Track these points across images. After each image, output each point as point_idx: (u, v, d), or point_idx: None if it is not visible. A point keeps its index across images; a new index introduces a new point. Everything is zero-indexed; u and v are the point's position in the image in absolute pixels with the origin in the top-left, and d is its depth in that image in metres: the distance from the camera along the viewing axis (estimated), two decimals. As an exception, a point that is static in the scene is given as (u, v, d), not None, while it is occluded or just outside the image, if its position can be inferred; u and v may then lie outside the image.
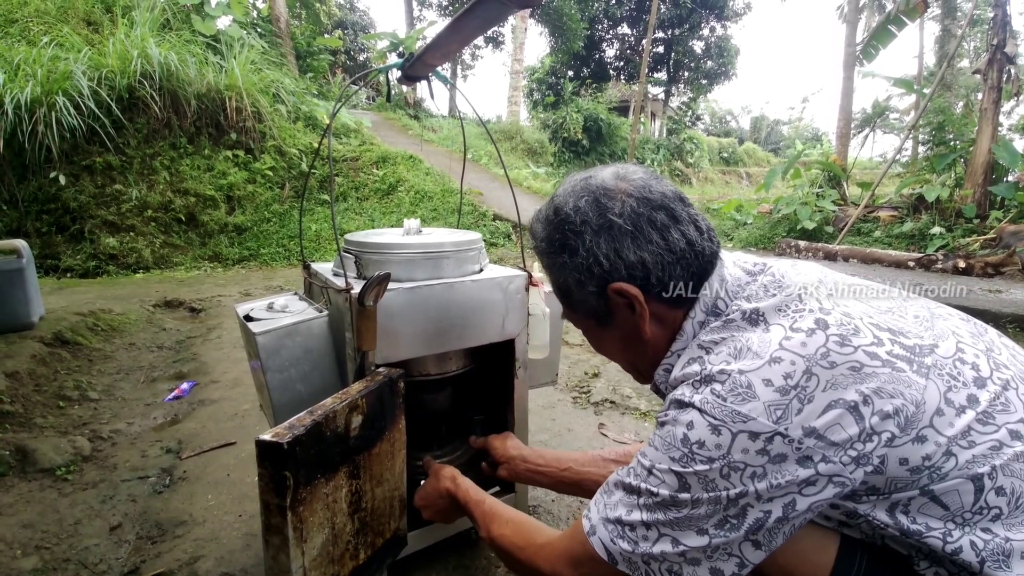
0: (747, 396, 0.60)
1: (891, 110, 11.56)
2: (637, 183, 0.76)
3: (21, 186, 5.32)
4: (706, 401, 0.63)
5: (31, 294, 2.84)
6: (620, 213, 0.73)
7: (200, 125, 6.48)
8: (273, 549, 0.81)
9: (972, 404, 0.61)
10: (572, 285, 0.79)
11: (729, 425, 0.60)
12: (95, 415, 2.21)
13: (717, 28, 20.17)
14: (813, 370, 0.60)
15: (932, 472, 0.59)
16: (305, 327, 1.12)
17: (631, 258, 0.73)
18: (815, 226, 7.76)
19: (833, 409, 0.59)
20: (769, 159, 26.53)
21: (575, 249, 0.76)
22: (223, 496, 1.61)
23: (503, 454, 1.23)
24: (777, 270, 0.75)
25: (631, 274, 0.74)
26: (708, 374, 0.65)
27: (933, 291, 4.25)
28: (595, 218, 0.74)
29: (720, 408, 0.61)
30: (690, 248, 0.73)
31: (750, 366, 0.62)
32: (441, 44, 1.03)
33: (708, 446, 0.61)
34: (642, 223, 0.73)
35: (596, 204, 0.75)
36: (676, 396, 0.67)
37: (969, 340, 0.68)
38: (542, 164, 13.77)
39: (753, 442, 0.59)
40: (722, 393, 0.62)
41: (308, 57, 11.24)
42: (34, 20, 6.59)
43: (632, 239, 0.73)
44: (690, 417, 0.63)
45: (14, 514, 1.52)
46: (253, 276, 5.34)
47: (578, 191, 0.78)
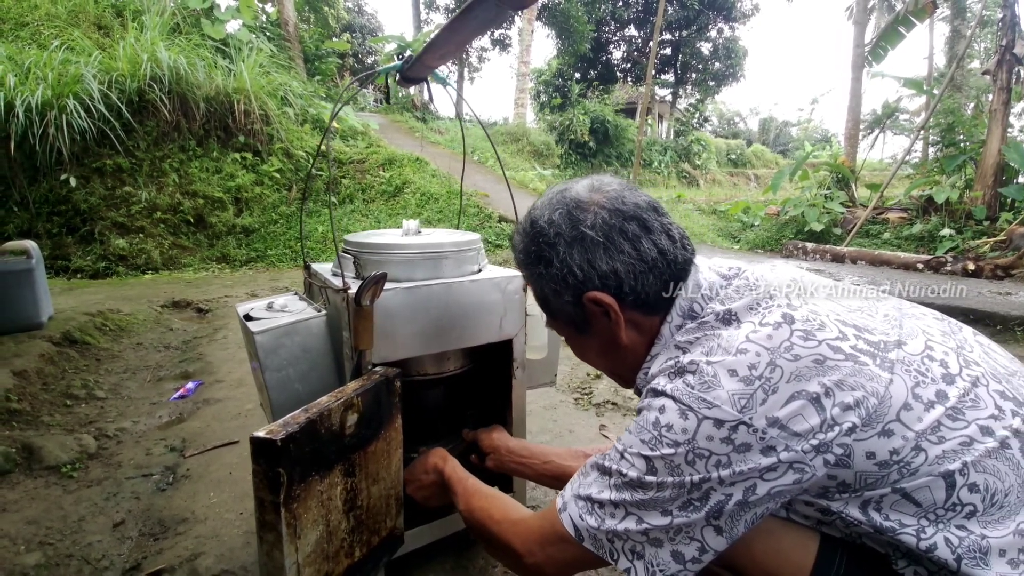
0: (712, 384, 0.63)
1: (901, 111, 11.47)
2: (610, 195, 0.78)
3: (32, 188, 5.39)
4: (677, 389, 0.66)
5: (40, 294, 2.88)
6: (592, 225, 0.76)
7: (209, 128, 6.54)
8: (267, 545, 0.81)
9: (941, 400, 0.62)
10: (549, 295, 0.82)
11: (696, 411, 0.63)
12: (101, 413, 2.23)
13: (725, 29, 20.13)
14: (777, 362, 0.62)
15: (902, 467, 0.60)
16: (303, 326, 1.13)
17: (603, 268, 0.76)
18: (823, 228, 7.71)
19: (796, 400, 0.61)
20: (778, 161, 26.38)
21: (550, 260, 0.79)
22: (225, 494, 1.63)
23: (489, 444, 1.26)
24: (751, 273, 0.78)
25: (604, 283, 0.76)
26: (682, 366, 0.68)
27: (940, 292, 4.20)
28: (568, 230, 0.77)
29: (688, 394, 0.64)
30: (662, 257, 0.76)
31: (717, 357, 0.66)
32: (439, 46, 1.04)
33: (675, 430, 0.64)
34: (613, 234, 0.76)
35: (569, 216, 0.78)
36: (652, 386, 0.71)
37: (939, 338, 0.69)
38: (548, 166, 13.77)
39: (718, 430, 0.62)
40: (691, 382, 0.65)
41: (316, 60, 11.32)
42: (44, 24, 6.68)
43: (604, 250, 0.76)
44: (662, 402, 0.67)
45: (19, 510, 1.54)
46: (260, 277, 5.38)
47: (553, 204, 0.81)
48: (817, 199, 8.25)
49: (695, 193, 15.07)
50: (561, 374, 2.60)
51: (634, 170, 12.20)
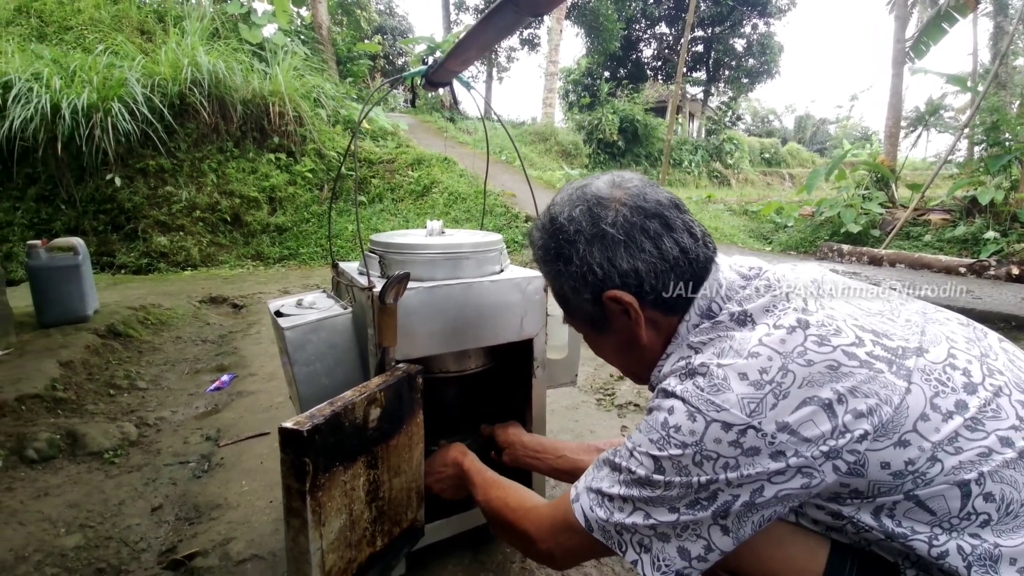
0: (722, 387, 0.63)
1: (945, 108, 11.03)
2: (631, 191, 0.77)
3: (79, 187, 5.66)
4: (687, 390, 0.66)
5: (86, 289, 3.04)
6: (613, 222, 0.75)
7: (245, 129, 6.75)
8: (293, 531, 0.86)
9: (960, 410, 0.61)
10: (568, 293, 0.81)
11: (704, 413, 0.63)
12: (142, 403, 2.34)
13: (760, 25, 19.67)
14: (789, 367, 0.62)
15: (916, 477, 0.59)
16: (330, 323, 1.17)
17: (624, 266, 0.75)
18: (860, 229, 7.48)
19: (807, 406, 0.60)
20: (814, 160, 25.68)
21: (569, 258, 0.78)
22: (256, 483, 1.69)
23: (504, 440, 1.28)
24: (773, 274, 0.77)
25: (625, 282, 0.75)
26: (692, 367, 0.68)
27: (984, 298, 4.04)
28: (588, 227, 0.76)
29: (697, 396, 0.64)
30: (684, 255, 0.75)
31: (728, 360, 0.65)
32: (461, 51, 1.07)
33: (683, 431, 0.64)
34: (635, 232, 0.74)
35: (589, 213, 0.77)
36: (663, 386, 0.70)
37: (963, 345, 0.68)
38: (576, 166, 13.72)
39: (726, 433, 0.62)
40: (701, 384, 0.65)
41: (348, 62, 11.54)
42: (89, 28, 7.01)
43: (625, 248, 0.75)
44: (672, 403, 0.67)
45: (61, 494, 1.64)
46: (292, 275, 5.53)
47: (573, 200, 0.80)
48: (854, 199, 8.00)
49: (726, 193, 14.78)
50: (584, 375, 2.61)
51: (663, 170, 12.05)
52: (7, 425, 1.93)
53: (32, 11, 7.07)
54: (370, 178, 7.74)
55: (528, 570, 1.30)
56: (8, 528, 1.45)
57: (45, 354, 2.49)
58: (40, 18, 7.08)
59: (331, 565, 0.90)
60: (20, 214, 5.47)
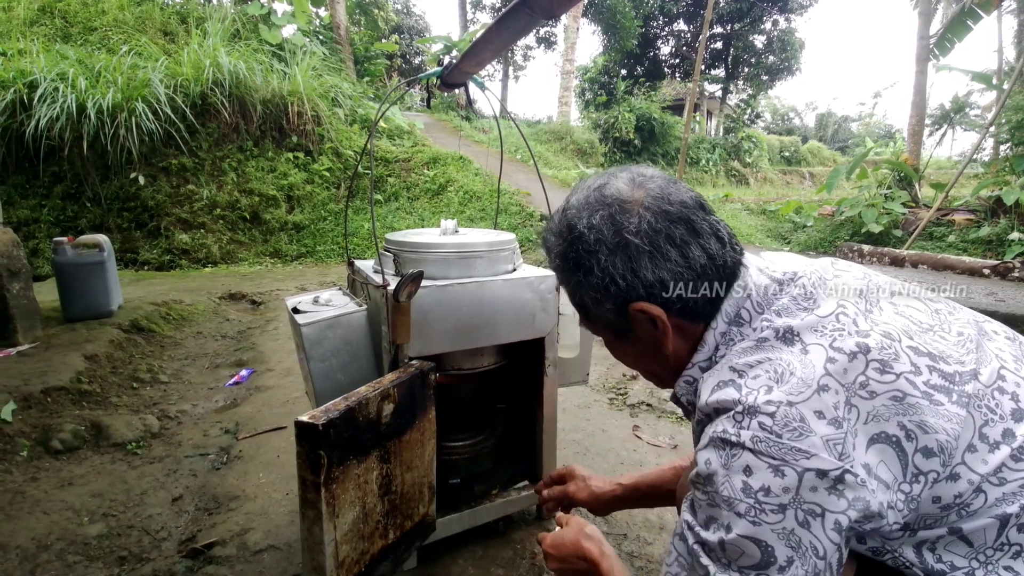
0: (803, 431, 0.56)
1: (971, 106, 10.77)
2: (654, 192, 0.72)
3: (104, 185, 5.80)
4: (758, 439, 0.57)
5: (111, 285, 3.12)
6: (636, 230, 0.70)
7: (265, 129, 6.86)
8: (308, 522, 0.88)
9: (1007, 439, 0.58)
10: (588, 303, 0.76)
11: (792, 464, 0.55)
12: (164, 396, 2.40)
13: (780, 21, 19.34)
14: (853, 401, 0.57)
15: (961, 509, 0.57)
16: (345, 320, 1.20)
17: (649, 277, 0.70)
18: (882, 229, 7.34)
19: (876, 443, 0.56)
20: (836, 158, 25.22)
21: (590, 268, 0.72)
22: (273, 475, 1.73)
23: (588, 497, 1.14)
24: (808, 280, 0.71)
25: (650, 292, 0.70)
26: (752, 405, 0.59)
27: (1008, 300, 3.95)
28: (610, 236, 0.71)
29: (777, 446, 0.56)
30: (711, 262, 0.70)
31: (799, 396, 0.58)
32: (475, 53, 1.08)
33: (774, 490, 0.56)
34: (660, 240, 0.69)
35: (611, 221, 0.71)
36: (718, 434, 0.61)
37: (1012, 365, 0.63)
38: (592, 165, 13.67)
39: (821, 480, 0.55)
40: (774, 428, 0.57)
41: (366, 62, 11.63)
42: (113, 29, 7.17)
43: (650, 258, 0.69)
44: (744, 461, 0.58)
45: (85, 484, 1.69)
46: (309, 272, 5.60)
47: (592, 204, 0.74)
48: (876, 199, 7.85)
49: (744, 192, 14.61)
50: (596, 374, 2.61)
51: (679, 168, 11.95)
52: (33, 416, 1.99)
53: (56, 11, 7.25)
54: (386, 177, 7.81)
55: (538, 567, 1.31)
56: (32, 517, 1.50)
57: (71, 348, 2.57)
58: (65, 19, 7.26)
59: (344, 556, 0.92)
60: (46, 211, 5.62)
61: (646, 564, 1.33)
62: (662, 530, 1.45)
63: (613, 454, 1.90)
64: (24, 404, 2.03)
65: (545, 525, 1.46)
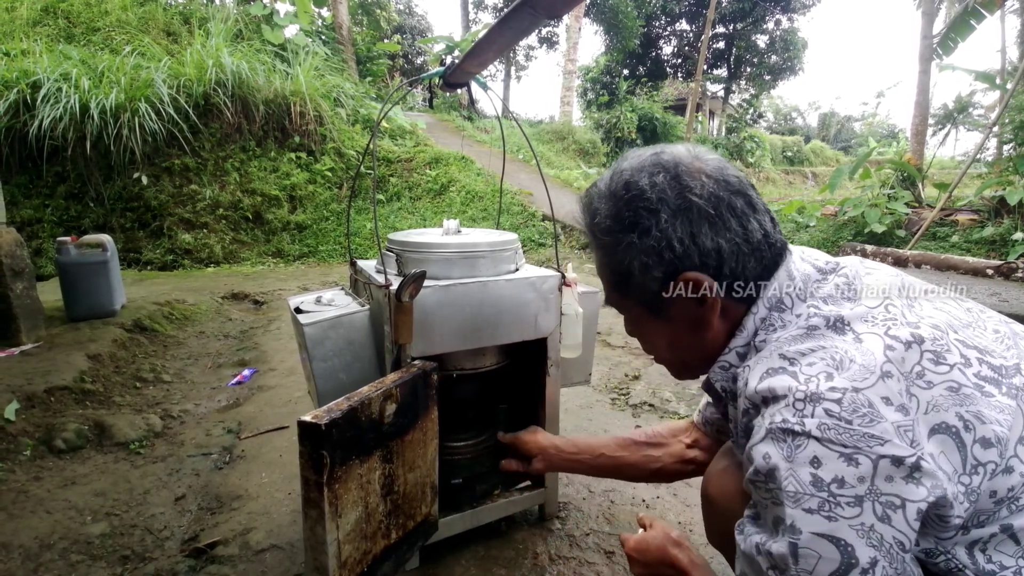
0: (873, 416, 0.53)
1: (974, 106, 10.74)
2: (713, 164, 0.70)
3: (107, 185, 5.82)
4: (825, 427, 0.53)
5: (114, 284, 3.12)
6: (700, 194, 0.67)
7: (267, 129, 6.87)
8: (311, 521, 0.88)
9: None
10: (635, 269, 0.71)
11: (866, 451, 0.52)
12: (167, 396, 2.41)
13: (783, 21, 19.32)
14: (912, 390, 0.55)
15: (1011, 503, 0.56)
16: (348, 320, 1.20)
17: (707, 245, 0.67)
18: (885, 229, 7.31)
19: (937, 434, 0.54)
20: (839, 158, 25.18)
21: (647, 229, 0.68)
22: (275, 475, 1.73)
23: (536, 447, 1.25)
24: (850, 270, 0.70)
25: (704, 262, 0.68)
26: (814, 392, 0.55)
27: (1011, 301, 3.94)
28: (674, 197, 0.68)
29: (848, 433, 0.52)
30: (765, 239, 0.69)
31: (863, 383, 0.55)
32: (478, 53, 1.08)
33: (849, 481, 0.52)
34: (722, 207, 0.67)
35: (676, 182, 0.68)
36: (777, 425, 0.56)
37: None
38: (594, 165, 13.66)
39: (897, 468, 0.52)
40: (842, 415, 0.53)
41: (368, 62, 11.65)
42: (116, 30, 7.19)
43: (710, 224, 0.67)
44: (812, 451, 0.53)
45: (88, 483, 1.69)
46: (311, 272, 5.61)
47: (650, 166, 0.71)
48: (879, 199, 7.82)
49: (746, 192, 14.57)
50: (598, 374, 2.61)
51: (682, 168, 11.95)
52: (36, 416, 2.00)
53: (59, 12, 7.28)
54: (388, 177, 7.81)
55: (540, 567, 1.31)
56: (35, 516, 1.51)
57: (74, 347, 2.58)
58: (68, 19, 7.28)
59: (347, 556, 0.92)
60: (50, 211, 5.64)
61: (648, 565, 1.32)
62: (664, 530, 1.45)
63: (615, 454, 1.89)
64: (27, 403, 2.04)
65: (548, 526, 1.46)
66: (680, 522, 1.49)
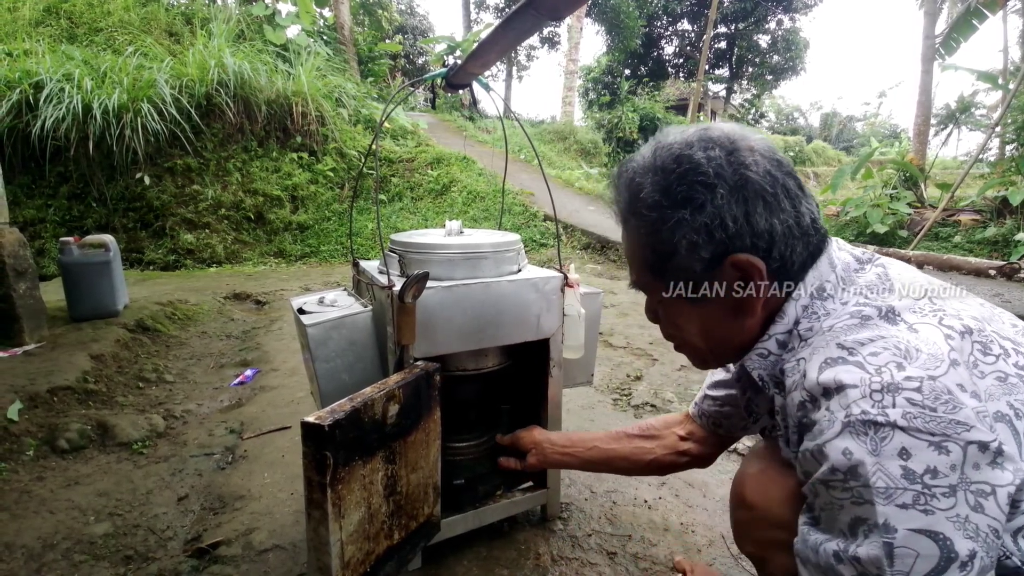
0: (955, 403, 0.51)
1: (977, 106, 10.72)
2: (763, 143, 0.68)
3: (109, 185, 5.83)
4: (911, 416, 0.51)
5: (117, 285, 3.13)
6: (757, 172, 0.64)
7: (269, 129, 6.88)
8: (314, 522, 0.88)
9: None
10: (682, 248, 0.67)
11: (954, 438, 0.50)
12: (170, 396, 2.41)
13: (785, 21, 19.30)
14: (973, 379, 0.55)
15: None
16: (351, 321, 1.20)
17: (760, 226, 0.64)
18: (887, 230, 7.31)
19: (997, 422, 0.53)
20: (840, 158, 25.11)
21: (702, 205, 0.65)
22: (277, 475, 1.73)
23: (531, 441, 1.27)
24: (885, 262, 0.70)
25: (755, 244, 0.65)
26: (890, 382, 0.53)
27: (1013, 301, 3.93)
28: (730, 172, 0.64)
29: (935, 420, 0.50)
30: (813, 224, 0.67)
31: (937, 371, 0.53)
32: (480, 54, 1.08)
33: (941, 470, 0.49)
34: (777, 187, 0.65)
35: (732, 157, 0.65)
36: (857, 417, 0.53)
37: None
38: (595, 165, 13.66)
39: (983, 454, 0.50)
40: (925, 403, 0.51)
41: (369, 62, 11.66)
42: (118, 30, 7.21)
43: (764, 204, 0.64)
44: (899, 442, 0.51)
45: (91, 483, 1.70)
46: (313, 272, 5.61)
47: (701, 140, 0.67)
48: (881, 199, 7.82)
49: (748, 192, 14.55)
50: (600, 375, 2.61)
51: (684, 168, 11.94)
52: (39, 416, 2.00)
53: (62, 12, 7.29)
54: (390, 177, 7.82)
55: (542, 567, 1.31)
56: (38, 516, 1.51)
57: (77, 347, 2.58)
58: (70, 19, 7.30)
59: (350, 556, 0.92)
60: (52, 211, 5.65)
61: (651, 566, 1.32)
62: (666, 531, 1.45)
63: (617, 455, 1.89)
64: (30, 404, 2.04)
65: (550, 527, 1.46)
66: (682, 523, 1.49)
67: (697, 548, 1.39)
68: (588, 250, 6.53)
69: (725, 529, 1.46)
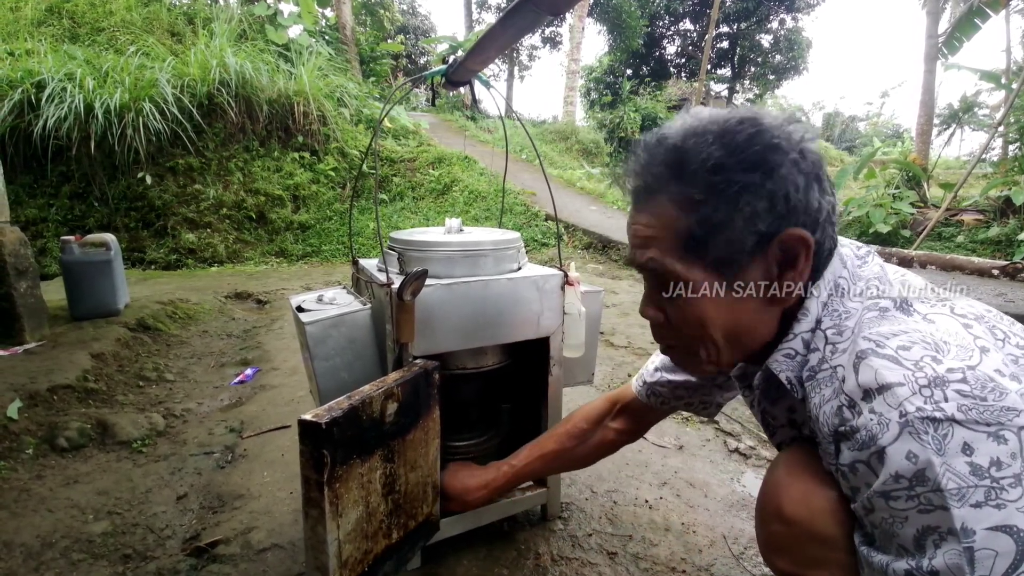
0: (1000, 390, 0.49)
1: (980, 105, 10.69)
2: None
3: (111, 185, 5.84)
4: (966, 408, 0.49)
5: (118, 284, 3.13)
6: (812, 147, 0.62)
7: (271, 129, 6.88)
8: (311, 521, 0.87)
9: None
10: (738, 218, 0.61)
11: (1008, 426, 0.48)
12: (170, 395, 2.41)
13: (787, 20, 19.28)
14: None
15: None
16: (350, 319, 1.19)
17: (813, 204, 0.61)
18: (889, 230, 7.28)
19: None
20: (843, 158, 25.01)
21: (771, 171, 0.60)
22: (277, 474, 1.73)
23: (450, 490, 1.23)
24: (877, 256, 0.70)
25: (805, 223, 0.61)
26: (933, 376, 0.51)
27: (1017, 301, 3.91)
28: (796, 141, 0.61)
29: (988, 409, 0.48)
30: (835, 217, 0.65)
31: (972, 360, 0.52)
32: (480, 51, 1.08)
33: (1004, 460, 0.47)
34: (820, 170, 0.62)
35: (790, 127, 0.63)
36: (913, 415, 0.50)
37: None
38: (597, 165, 13.64)
39: None
40: (974, 392, 0.49)
41: (371, 62, 11.66)
42: (120, 30, 7.22)
43: (818, 181, 0.62)
44: (960, 437, 0.48)
45: (90, 482, 1.69)
46: (315, 271, 5.61)
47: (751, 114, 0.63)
48: (884, 199, 7.79)
49: (750, 192, 14.51)
50: (601, 374, 2.60)
51: (686, 168, 11.92)
52: (39, 414, 2.00)
53: (64, 12, 7.31)
54: (391, 176, 7.82)
55: (542, 567, 1.31)
56: (37, 515, 1.51)
57: (77, 346, 2.58)
58: (72, 19, 7.31)
59: (348, 555, 0.92)
60: (54, 211, 5.66)
61: (651, 566, 1.31)
62: (667, 531, 1.44)
63: (617, 455, 1.88)
64: (30, 402, 2.04)
65: (550, 526, 1.46)
66: (683, 523, 1.48)
67: (698, 548, 1.38)
68: (589, 250, 6.52)
69: (726, 529, 1.45)
